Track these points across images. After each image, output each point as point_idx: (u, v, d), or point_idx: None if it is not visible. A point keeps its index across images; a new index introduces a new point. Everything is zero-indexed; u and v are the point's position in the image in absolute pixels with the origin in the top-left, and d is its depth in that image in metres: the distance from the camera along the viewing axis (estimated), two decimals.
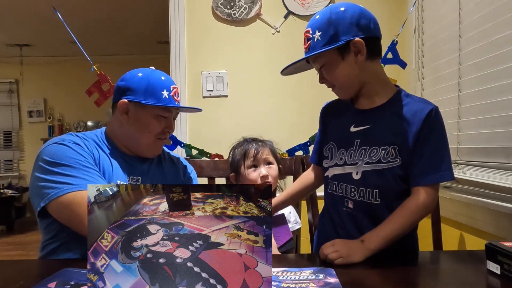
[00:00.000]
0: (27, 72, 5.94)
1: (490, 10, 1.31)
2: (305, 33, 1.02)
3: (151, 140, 1.15)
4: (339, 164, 1.06)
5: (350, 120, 1.08)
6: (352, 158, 1.04)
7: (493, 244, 0.80)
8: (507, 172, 1.22)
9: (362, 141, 1.03)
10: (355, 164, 1.03)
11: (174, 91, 1.16)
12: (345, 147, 1.06)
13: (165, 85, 1.14)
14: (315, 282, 0.74)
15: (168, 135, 1.19)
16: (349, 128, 1.07)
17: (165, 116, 1.15)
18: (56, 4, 2.19)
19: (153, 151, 1.19)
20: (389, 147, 0.99)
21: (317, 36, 0.98)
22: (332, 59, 1.00)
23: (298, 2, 2.05)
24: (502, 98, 1.24)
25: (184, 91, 2.05)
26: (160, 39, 5.00)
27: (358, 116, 1.07)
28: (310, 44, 1.01)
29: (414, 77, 1.92)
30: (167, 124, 1.16)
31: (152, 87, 1.12)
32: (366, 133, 1.04)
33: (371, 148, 1.02)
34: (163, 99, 1.12)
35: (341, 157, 1.06)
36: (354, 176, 1.03)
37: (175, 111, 1.19)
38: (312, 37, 1.00)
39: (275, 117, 2.05)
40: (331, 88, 1.07)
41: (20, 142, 6.13)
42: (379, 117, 1.03)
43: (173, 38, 2.05)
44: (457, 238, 1.51)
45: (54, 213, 0.99)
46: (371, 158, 1.01)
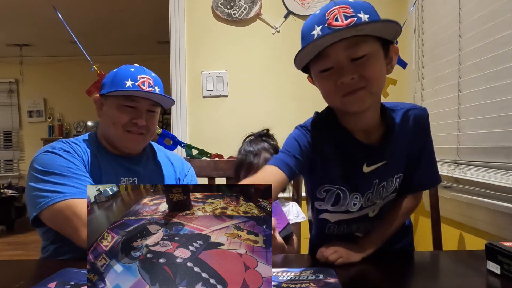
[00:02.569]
0: (27, 72, 5.95)
1: (490, 10, 1.31)
2: (339, 9, 0.74)
3: (119, 133, 1.11)
4: (351, 211, 0.93)
5: (358, 156, 0.88)
6: (370, 200, 0.92)
7: (493, 244, 0.80)
8: (507, 172, 1.22)
9: (380, 179, 0.90)
10: (373, 204, 0.93)
11: (143, 80, 1.10)
12: (360, 191, 0.90)
13: (131, 75, 1.10)
14: (315, 282, 0.74)
15: (142, 128, 1.13)
16: (360, 168, 0.88)
17: (130, 105, 1.11)
18: (56, 4, 2.19)
19: (126, 144, 1.14)
20: (402, 172, 0.92)
21: (364, 17, 0.74)
22: (377, 51, 0.79)
23: (298, 2, 2.05)
24: (502, 98, 1.24)
25: (184, 91, 2.05)
26: (160, 39, 5.00)
27: (369, 152, 0.88)
28: (354, 21, 0.73)
29: (414, 77, 1.92)
30: (134, 115, 1.11)
31: (118, 78, 1.11)
32: (382, 169, 0.89)
33: (388, 181, 0.91)
34: (125, 88, 1.08)
35: (355, 203, 0.91)
36: (370, 215, 0.95)
37: (144, 101, 1.12)
38: (356, 16, 0.74)
39: (275, 117, 2.05)
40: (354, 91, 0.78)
41: (20, 142, 6.13)
42: (391, 147, 0.89)
43: (173, 38, 2.05)
44: (457, 238, 1.51)
45: (47, 222, 0.99)
46: (387, 191, 0.92)
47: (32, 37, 5.11)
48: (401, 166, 0.92)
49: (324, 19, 0.75)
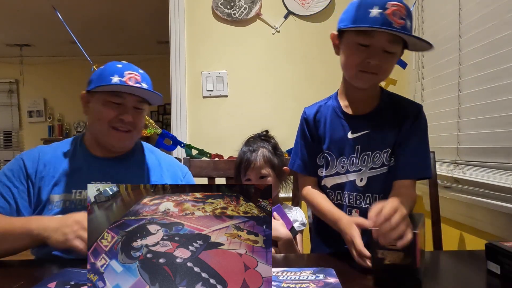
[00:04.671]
0: (27, 72, 5.94)
1: (490, 10, 1.31)
2: (398, 7, 0.87)
3: (105, 129, 1.10)
4: (340, 173, 1.04)
5: (344, 126, 1.05)
6: (354, 165, 1.02)
7: (493, 244, 0.80)
8: (507, 172, 1.22)
9: (363, 146, 1.02)
10: (358, 171, 1.02)
11: (130, 76, 1.08)
12: (346, 155, 1.03)
13: (118, 71, 1.09)
14: (315, 282, 0.74)
15: (129, 125, 1.11)
16: (346, 135, 1.04)
17: (115, 102, 1.09)
18: (56, 4, 2.19)
19: (111, 142, 1.12)
20: (390, 149, 1.00)
21: (408, 23, 0.90)
22: (399, 53, 0.97)
23: (298, 2, 2.05)
24: (502, 98, 1.24)
25: (184, 91, 2.05)
26: (160, 39, 5.00)
27: (354, 122, 1.04)
28: (404, 24, 0.88)
29: (414, 77, 1.92)
30: (121, 111, 1.10)
31: (104, 74, 1.09)
32: (366, 139, 1.02)
33: (374, 152, 1.01)
34: (111, 83, 1.07)
35: (343, 165, 1.04)
36: (358, 183, 1.02)
37: (130, 98, 1.11)
38: (406, 20, 0.89)
39: (275, 117, 2.05)
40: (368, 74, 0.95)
41: (20, 142, 6.13)
42: (376, 120, 1.03)
43: (173, 38, 2.05)
44: (457, 238, 1.51)
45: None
46: (375, 163, 1.01)
47: (32, 37, 5.10)
48: (387, 142, 1.01)
49: (384, 6, 0.87)
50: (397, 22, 0.86)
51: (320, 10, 2.03)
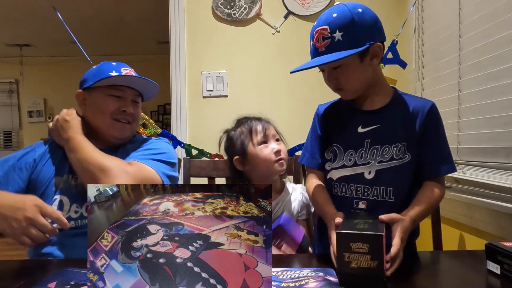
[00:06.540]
0: (27, 72, 5.94)
1: (490, 10, 1.31)
2: (320, 31, 0.96)
3: (108, 121, 1.14)
4: (347, 166, 1.05)
5: (355, 121, 1.07)
6: (363, 158, 1.04)
7: (493, 244, 0.80)
8: (507, 172, 1.22)
9: (373, 140, 1.04)
10: (367, 164, 1.03)
11: (126, 72, 1.16)
12: (354, 148, 1.05)
13: (114, 67, 1.16)
14: (314, 277, 0.74)
15: (130, 116, 1.16)
16: (356, 129, 1.06)
17: (116, 95, 1.14)
18: (56, 4, 2.19)
19: (113, 133, 1.16)
20: (400, 144, 1.02)
21: (338, 36, 0.93)
22: (351, 61, 0.97)
23: (298, 2, 2.05)
24: (502, 98, 1.24)
25: (184, 91, 2.05)
26: (160, 39, 4.99)
27: (365, 117, 1.06)
28: (328, 43, 0.94)
29: (414, 77, 1.92)
30: (122, 104, 1.15)
31: (101, 70, 1.15)
32: (376, 133, 1.04)
33: (383, 146, 1.03)
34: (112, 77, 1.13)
35: (350, 158, 1.05)
36: (366, 176, 1.03)
37: (129, 91, 1.17)
38: (331, 36, 0.94)
39: (275, 117, 2.04)
40: (337, 90, 1.04)
41: (20, 142, 6.12)
42: (386, 116, 1.05)
43: (173, 38, 2.05)
44: (457, 238, 1.51)
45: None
46: (383, 157, 1.02)
47: (32, 37, 5.10)
48: (397, 137, 1.02)
49: (313, 36, 0.99)
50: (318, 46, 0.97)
51: (320, 10, 2.03)
